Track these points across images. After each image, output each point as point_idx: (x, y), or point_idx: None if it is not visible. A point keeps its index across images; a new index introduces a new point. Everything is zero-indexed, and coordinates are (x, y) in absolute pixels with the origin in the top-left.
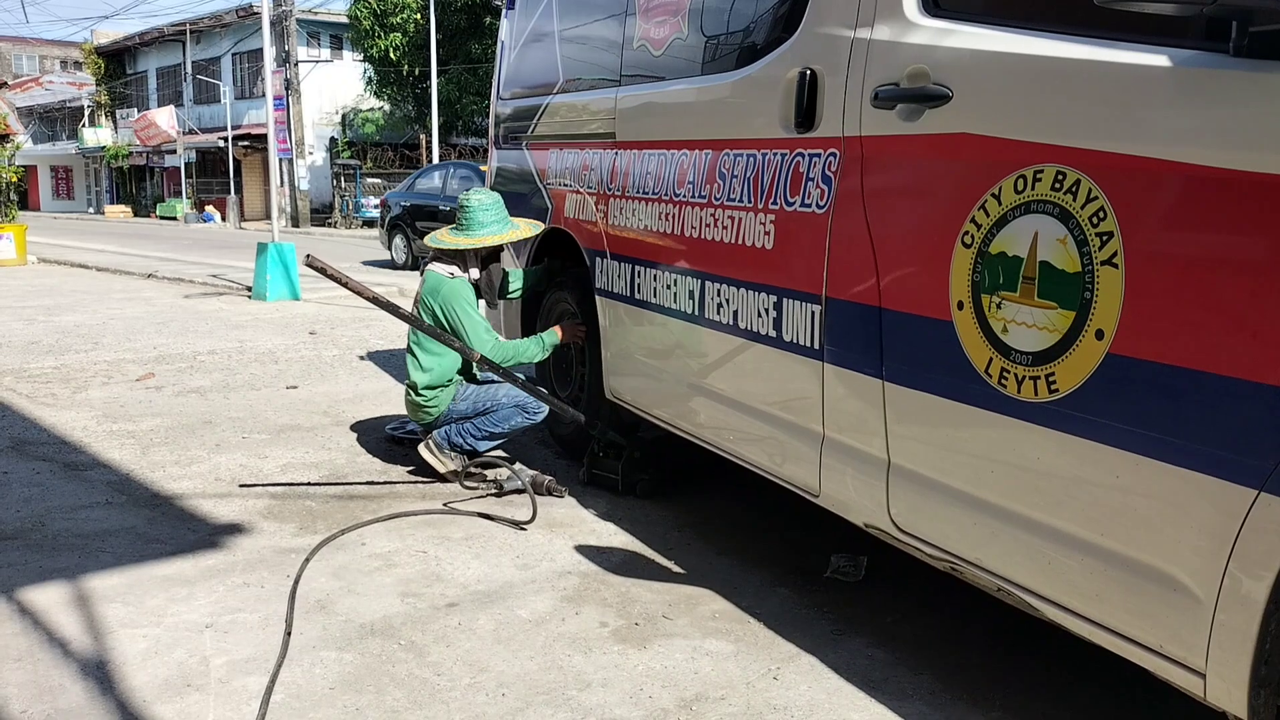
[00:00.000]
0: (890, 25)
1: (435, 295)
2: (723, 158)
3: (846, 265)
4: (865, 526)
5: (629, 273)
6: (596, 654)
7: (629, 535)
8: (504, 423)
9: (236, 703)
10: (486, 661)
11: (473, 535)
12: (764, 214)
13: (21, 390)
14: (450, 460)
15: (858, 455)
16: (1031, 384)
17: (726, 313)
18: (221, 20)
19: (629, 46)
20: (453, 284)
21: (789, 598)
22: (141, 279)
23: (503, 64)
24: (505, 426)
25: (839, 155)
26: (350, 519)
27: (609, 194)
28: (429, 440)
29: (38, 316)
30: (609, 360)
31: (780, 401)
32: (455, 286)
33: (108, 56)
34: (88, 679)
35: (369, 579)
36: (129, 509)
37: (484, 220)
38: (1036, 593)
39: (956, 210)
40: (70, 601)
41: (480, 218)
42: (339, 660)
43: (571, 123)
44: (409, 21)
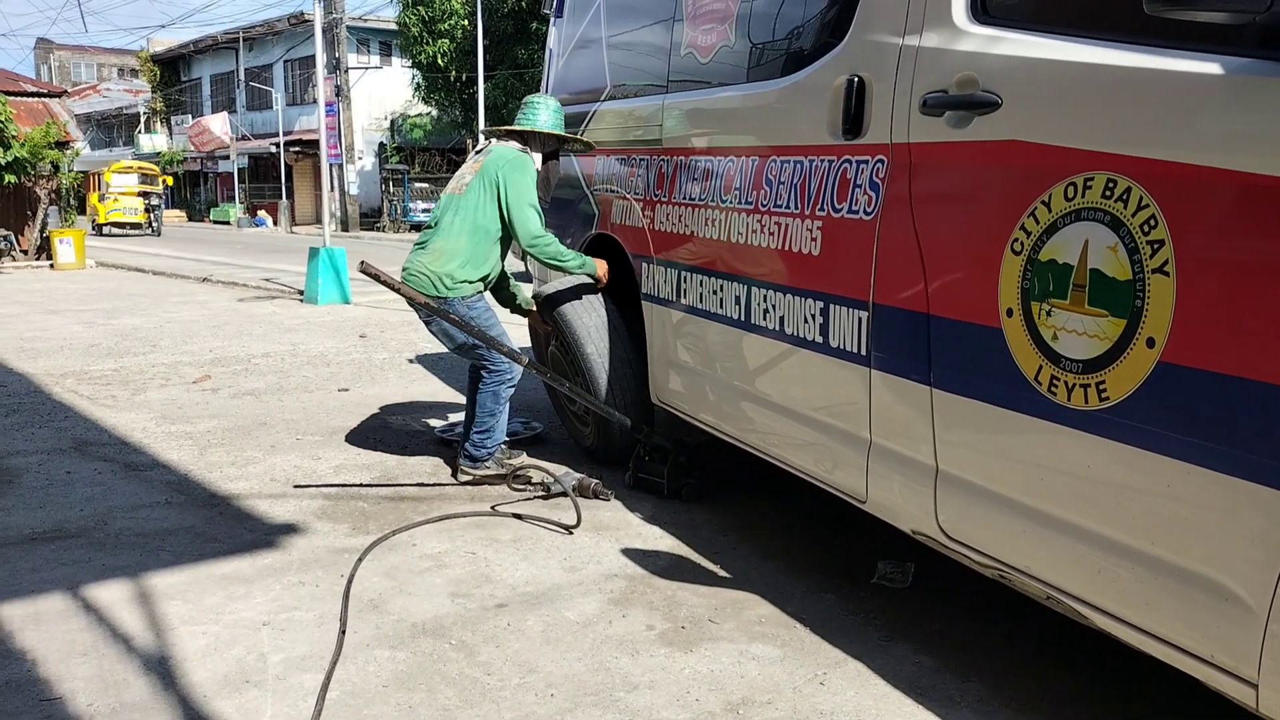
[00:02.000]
0: (939, 32)
1: (500, 163)
2: (769, 164)
3: (894, 271)
4: (912, 533)
5: (675, 278)
6: (643, 656)
7: (675, 539)
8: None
9: (293, 699)
10: (535, 662)
11: (521, 537)
12: (811, 220)
13: (83, 392)
14: (489, 467)
15: (905, 461)
16: (1082, 392)
17: (773, 318)
18: (274, 28)
19: (676, 53)
20: (522, 157)
21: (835, 603)
22: (196, 283)
23: (550, 71)
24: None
25: (887, 162)
26: (401, 520)
27: (655, 200)
28: (460, 466)
29: (97, 320)
30: (655, 365)
31: (826, 407)
32: (524, 160)
33: (163, 64)
34: (150, 674)
35: (420, 579)
36: (188, 508)
37: (548, 118)
38: (1086, 600)
39: (1006, 217)
40: (132, 598)
41: (543, 114)
42: (392, 659)
43: (618, 129)
44: (456, 28)
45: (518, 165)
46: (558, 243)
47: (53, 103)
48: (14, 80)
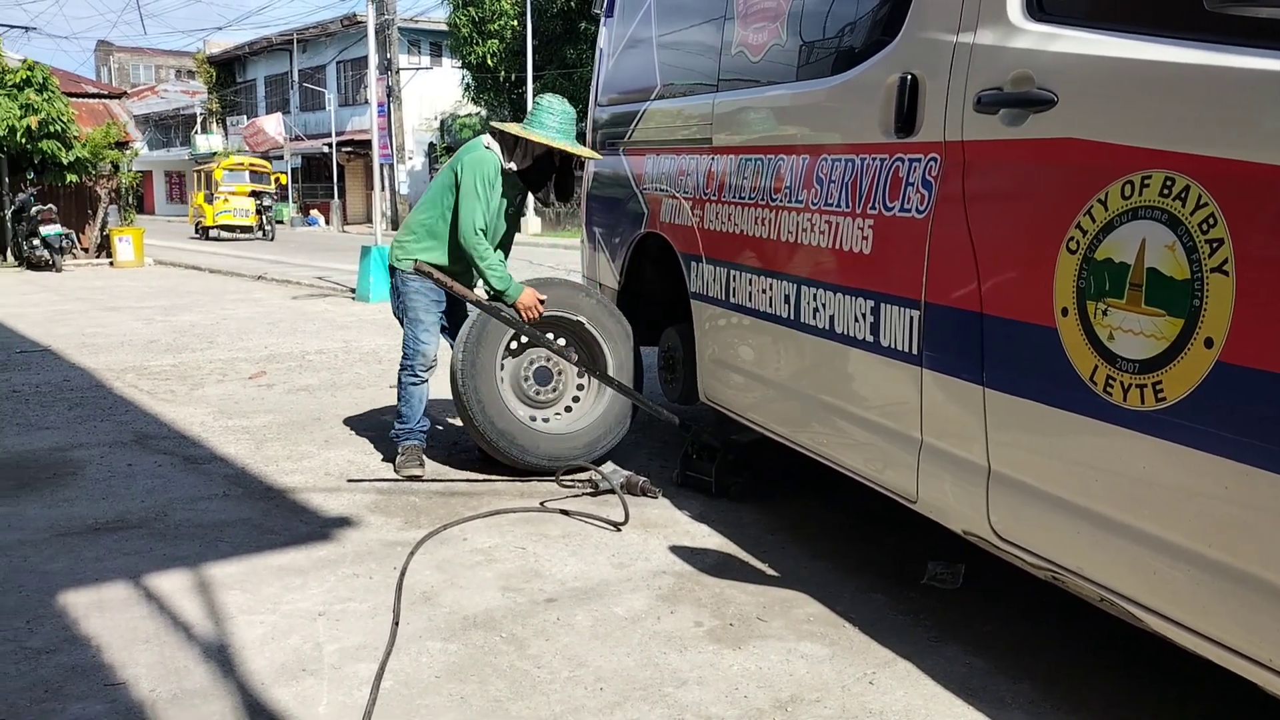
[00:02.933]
0: (993, 30)
1: (464, 154)
2: (820, 162)
3: (947, 270)
4: (964, 533)
5: (724, 277)
6: (692, 653)
7: (723, 537)
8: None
9: (348, 688)
10: (585, 656)
11: (569, 533)
12: (862, 219)
13: (143, 387)
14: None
15: (957, 461)
16: (1138, 392)
17: (823, 317)
18: (327, 29)
19: (727, 52)
20: (485, 154)
21: (885, 603)
22: (251, 281)
23: (600, 71)
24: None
25: (940, 160)
26: (452, 514)
27: (705, 199)
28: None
29: (156, 316)
30: (704, 363)
31: (877, 406)
32: (485, 157)
33: (219, 65)
34: (210, 661)
35: (471, 573)
36: (245, 501)
37: (545, 122)
38: (1140, 603)
39: (1061, 216)
40: (192, 588)
41: (543, 118)
42: (444, 650)
43: (668, 128)
44: (506, 28)
45: (478, 161)
46: (494, 253)
47: (113, 104)
48: (76, 82)
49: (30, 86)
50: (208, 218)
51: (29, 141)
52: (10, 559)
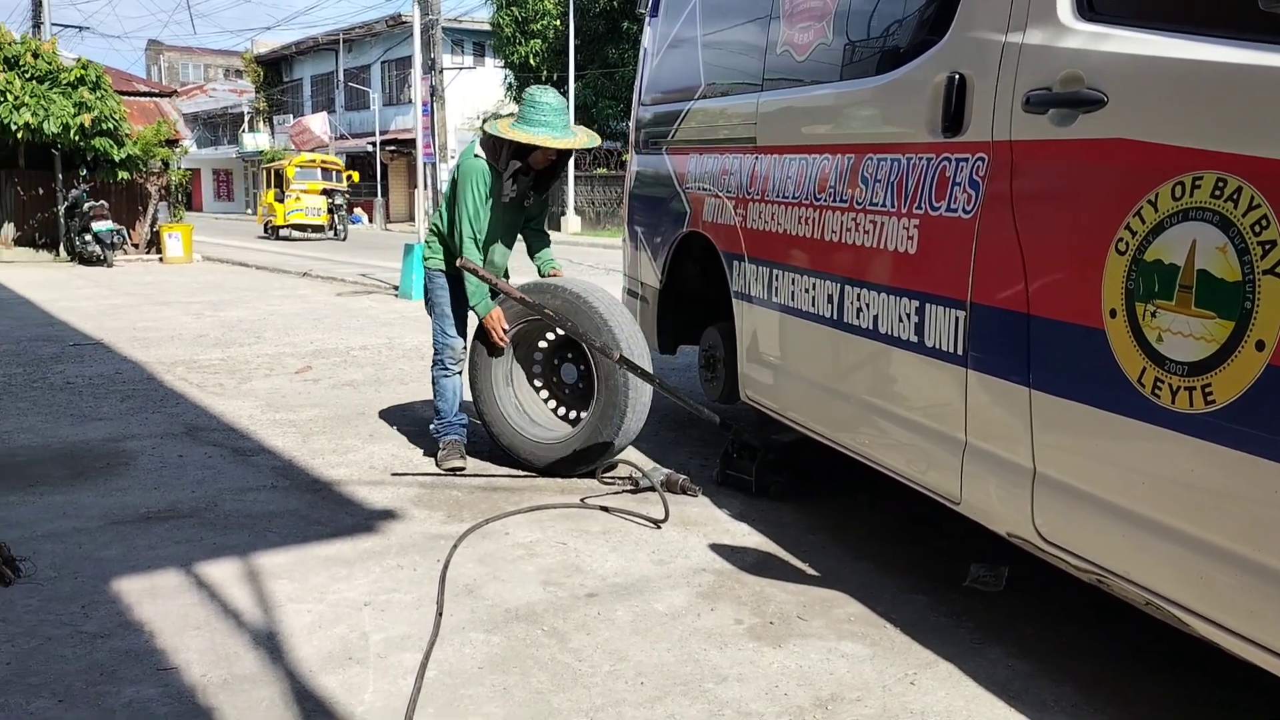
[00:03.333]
0: (1043, 29)
1: (459, 162)
2: (865, 162)
3: (993, 271)
4: (1008, 536)
5: (767, 276)
6: (732, 649)
7: (763, 536)
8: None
9: (394, 677)
10: (625, 651)
11: (610, 529)
12: (907, 218)
13: (193, 380)
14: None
15: (1002, 463)
16: (1187, 395)
17: (866, 317)
18: (372, 29)
19: (772, 52)
20: (472, 163)
21: (927, 604)
22: (297, 277)
23: (644, 71)
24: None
25: (987, 160)
26: (494, 509)
27: (748, 198)
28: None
29: (204, 311)
30: (745, 362)
31: (921, 407)
32: (472, 166)
33: (266, 65)
34: (259, 648)
35: (512, 567)
36: (292, 493)
37: (528, 117)
38: (1187, 607)
39: (1110, 216)
40: (241, 576)
41: (527, 113)
42: (487, 642)
43: (712, 127)
44: (549, 28)
45: (466, 171)
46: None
47: (163, 102)
48: (128, 80)
49: (84, 85)
50: (278, 217)
51: (82, 139)
52: (66, 546)
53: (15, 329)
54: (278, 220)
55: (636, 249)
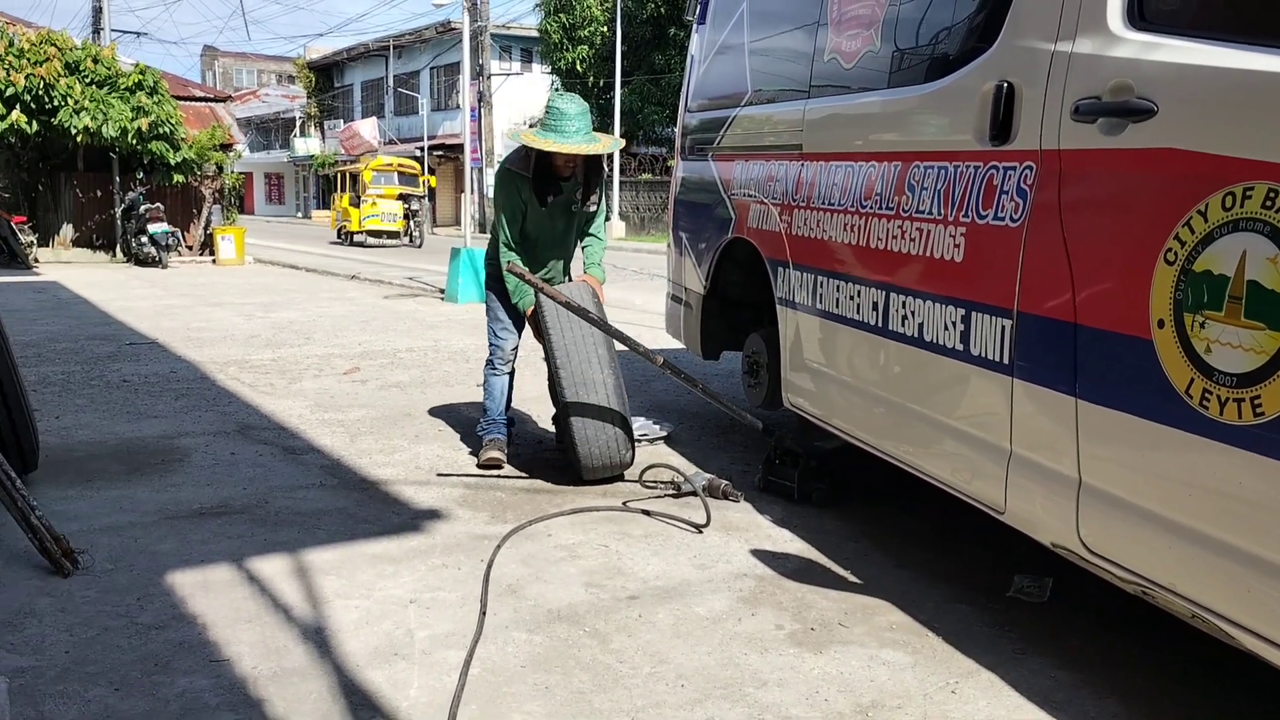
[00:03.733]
0: (1092, 38)
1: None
2: (912, 169)
3: (1040, 279)
4: (1052, 546)
5: (812, 283)
6: (772, 655)
7: (804, 542)
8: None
9: (438, 673)
10: (666, 653)
11: (651, 533)
12: (954, 226)
13: (245, 380)
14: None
15: (1047, 473)
16: (1235, 406)
17: (912, 325)
18: (422, 36)
19: (819, 59)
20: (502, 173)
21: (969, 614)
22: (345, 280)
23: (691, 77)
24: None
25: (1035, 168)
26: (537, 511)
27: (794, 205)
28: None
29: (256, 313)
30: (788, 369)
31: (966, 416)
32: (501, 175)
33: (318, 70)
34: (308, 642)
35: (555, 568)
36: (340, 491)
37: (546, 123)
38: (1233, 620)
39: (1159, 226)
40: (291, 572)
41: (544, 120)
42: (529, 641)
43: (758, 134)
44: (596, 34)
45: (497, 177)
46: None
47: (218, 107)
48: (184, 85)
49: (141, 90)
50: (353, 222)
51: (139, 143)
52: (123, 539)
53: (74, 328)
54: (352, 226)
55: (681, 255)
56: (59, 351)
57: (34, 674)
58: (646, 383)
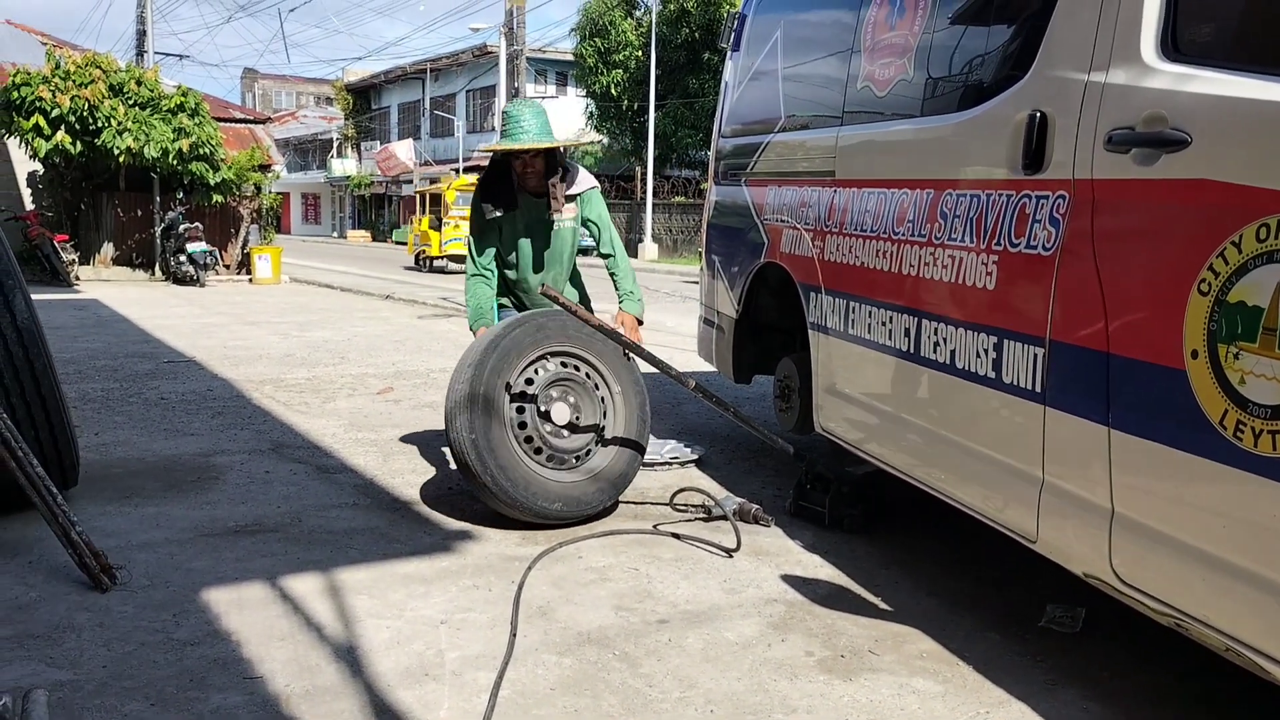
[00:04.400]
0: (1126, 69)
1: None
2: (945, 197)
3: (1073, 308)
4: (1084, 576)
5: (844, 308)
6: (802, 681)
7: (835, 569)
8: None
9: (468, 694)
10: (695, 678)
11: (682, 557)
12: (986, 254)
13: (280, 398)
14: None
15: (1079, 502)
16: (1270, 438)
17: (943, 351)
18: (458, 59)
19: (852, 86)
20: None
21: (1000, 643)
22: (380, 300)
23: (725, 103)
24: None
25: (1068, 198)
26: (567, 533)
27: (826, 230)
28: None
29: (291, 332)
30: (820, 394)
31: (997, 443)
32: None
33: (356, 93)
34: (340, 661)
35: (585, 590)
36: (372, 511)
37: (504, 129)
38: (1268, 654)
39: (1193, 257)
40: (323, 591)
41: (504, 126)
42: (559, 664)
43: (791, 160)
44: (630, 58)
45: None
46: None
47: (257, 129)
48: (224, 107)
49: (183, 111)
50: (433, 246)
51: (180, 163)
52: (159, 556)
53: (113, 345)
54: (433, 250)
55: (713, 278)
56: (99, 369)
57: (73, 687)
58: (678, 405)
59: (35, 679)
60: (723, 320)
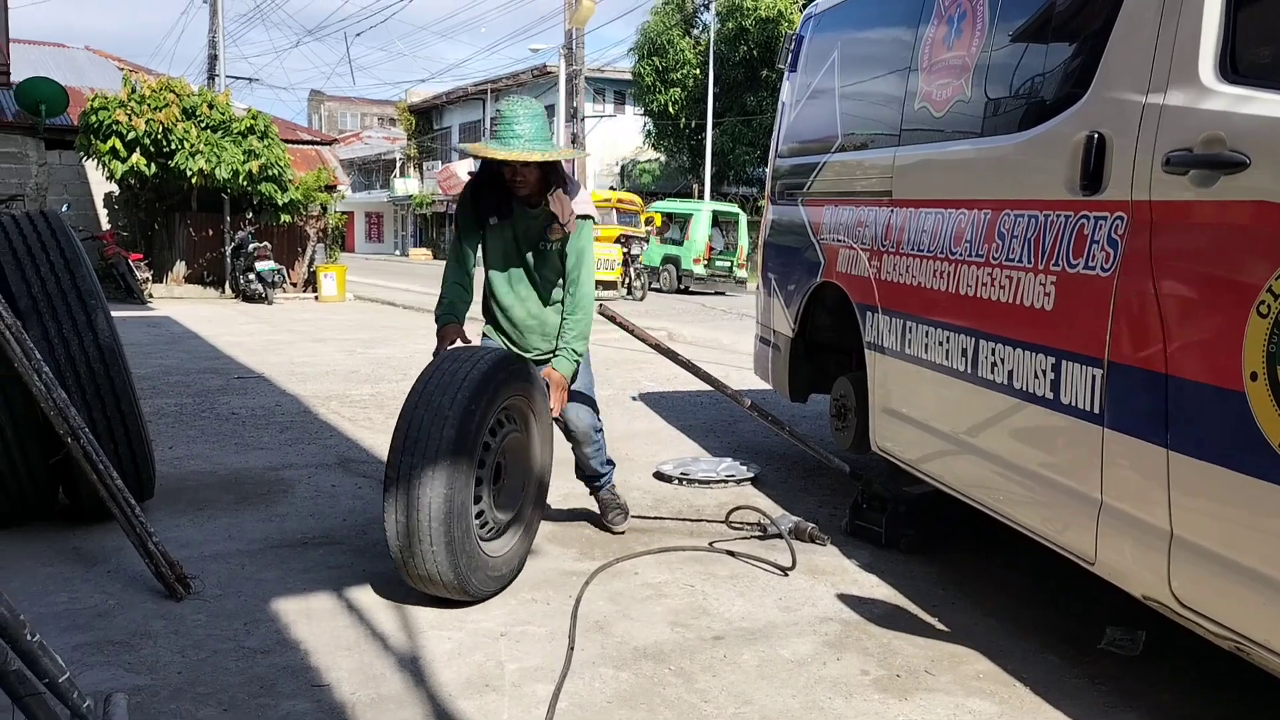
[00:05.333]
0: (1184, 91)
1: None
2: (1002, 218)
3: (1131, 330)
4: (1143, 598)
5: (900, 328)
6: (857, 699)
7: (891, 588)
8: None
9: (527, 705)
10: (750, 694)
11: (737, 574)
12: (1044, 275)
13: (345, 414)
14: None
15: (1137, 524)
16: None
17: (1001, 372)
18: (518, 79)
19: (910, 105)
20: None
21: (1058, 665)
22: None
23: (782, 123)
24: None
25: (1126, 219)
26: (624, 549)
27: (882, 250)
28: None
29: (356, 348)
30: (876, 413)
31: (1055, 465)
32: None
33: (418, 113)
34: (403, 671)
35: (641, 606)
36: None
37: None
38: None
39: (1252, 279)
40: (388, 602)
41: (496, 127)
42: (615, 678)
43: (848, 179)
44: (688, 77)
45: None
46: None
47: (323, 150)
48: (292, 129)
49: (253, 134)
50: None
51: (250, 184)
52: (230, 566)
53: (186, 361)
54: None
55: (770, 296)
56: (172, 384)
57: (149, 692)
58: (734, 423)
59: (114, 683)
60: (779, 339)
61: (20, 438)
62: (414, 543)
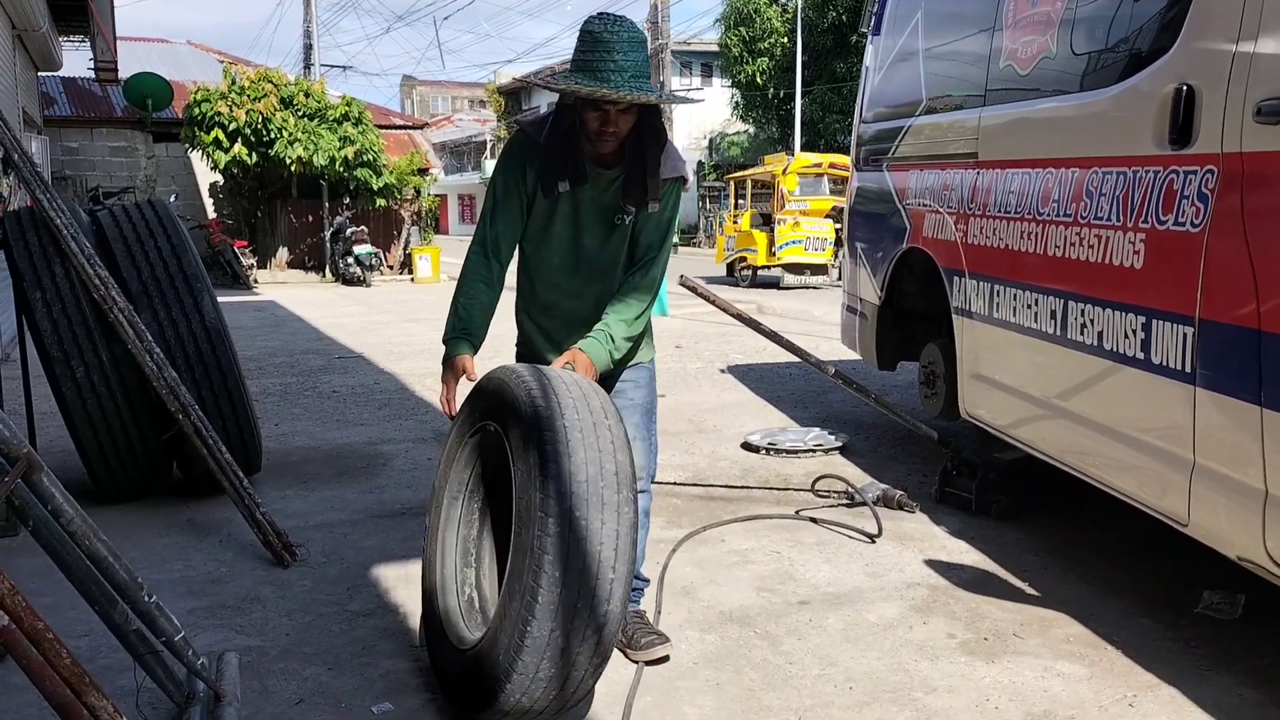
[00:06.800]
0: (1275, 37)
1: None
2: (1090, 175)
3: (1223, 286)
4: (1238, 559)
5: (988, 291)
6: (943, 662)
7: (981, 554)
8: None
9: (616, 666)
10: (835, 657)
11: (824, 541)
12: (1133, 233)
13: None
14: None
15: (1231, 485)
16: None
17: (1091, 333)
18: None
19: (995, 64)
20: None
21: (1151, 628)
22: None
23: (866, 88)
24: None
25: (1216, 172)
26: (711, 518)
27: (969, 213)
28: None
29: None
30: (965, 379)
31: (1147, 426)
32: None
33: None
34: None
35: (727, 572)
36: None
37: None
38: None
39: None
40: None
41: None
42: (701, 640)
43: (933, 143)
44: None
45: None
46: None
47: (415, 134)
48: (385, 115)
49: (348, 121)
50: (760, 254)
51: (346, 170)
52: (334, 535)
53: (290, 343)
54: (759, 259)
55: (856, 265)
56: (277, 365)
57: (259, 653)
58: (822, 394)
59: (227, 644)
60: (865, 307)
61: (135, 416)
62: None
